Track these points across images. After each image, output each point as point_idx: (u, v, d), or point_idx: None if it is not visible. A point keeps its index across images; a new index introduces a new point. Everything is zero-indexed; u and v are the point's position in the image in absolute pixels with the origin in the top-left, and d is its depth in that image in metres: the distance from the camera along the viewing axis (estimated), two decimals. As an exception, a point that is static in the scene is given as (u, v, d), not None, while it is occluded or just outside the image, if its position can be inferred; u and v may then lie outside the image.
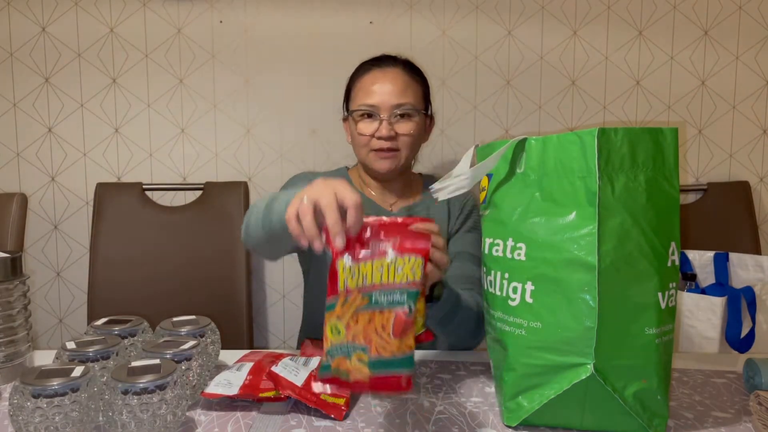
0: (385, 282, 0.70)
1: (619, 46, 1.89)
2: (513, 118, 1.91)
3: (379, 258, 0.71)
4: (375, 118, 1.17)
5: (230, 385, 0.85)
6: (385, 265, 0.71)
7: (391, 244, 0.72)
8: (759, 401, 0.77)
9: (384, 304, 0.70)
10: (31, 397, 0.71)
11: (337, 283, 0.71)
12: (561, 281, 0.74)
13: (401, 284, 0.70)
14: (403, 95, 1.18)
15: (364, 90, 1.19)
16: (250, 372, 0.88)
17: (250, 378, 0.86)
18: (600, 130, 0.72)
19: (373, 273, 0.71)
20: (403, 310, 0.69)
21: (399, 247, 0.72)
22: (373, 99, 1.17)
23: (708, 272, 1.62)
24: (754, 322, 1.36)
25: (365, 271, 0.71)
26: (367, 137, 1.18)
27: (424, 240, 0.73)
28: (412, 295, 0.70)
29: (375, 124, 1.17)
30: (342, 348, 0.70)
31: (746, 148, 1.94)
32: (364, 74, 1.21)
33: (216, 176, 1.90)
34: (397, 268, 0.71)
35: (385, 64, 1.22)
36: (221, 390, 0.83)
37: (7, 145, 1.89)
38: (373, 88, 1.18)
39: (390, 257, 0.71)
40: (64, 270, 1.93)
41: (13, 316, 0.93)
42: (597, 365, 0.72)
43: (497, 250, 0.82)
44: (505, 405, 0.79)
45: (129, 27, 1.85)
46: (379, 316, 0.69)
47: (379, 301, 0.70)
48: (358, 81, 1.22)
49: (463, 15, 1.87)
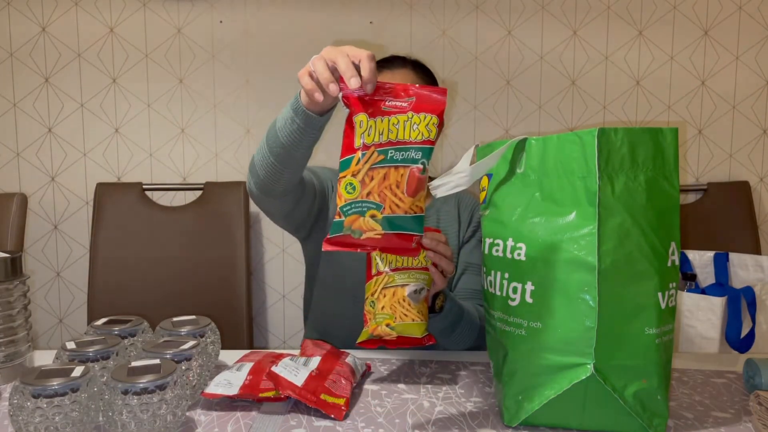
0: (402, 139, 0.73)
1: (619, 46, 1.89)
2: (513, 118, 1.91)
3: (396, 114, 0.74)
4: None
5: (230, 385, 0.85)
6: (401, 122, 0.73)
7: (407, 103, 0.74)
8: (759, 401, 0.77)
9: (399, 160, 0.73)
10: (31, 397, 0.71)
11: (353, 138, 0.73)
12: (561, 281, 0.74)
13: (416, 141, 0.73)
14: None
15: None
16: (250, 372, 0.88)
17: (250, 378, 0.86)
18: (600, 130, 0.72)
19: (389, 129, 0.73)
20: (417, 168, 0.72)
21: (415, 106, 0.74)
22: None
23: (708, 272, 1.62)
24: (754, 322, 1.36)
25: (382, 128, 0.73)
26: None
27: (439, 97, 0.75)
28: (426, 152, 0.73)
29: None
30: (356, 205, 0.72)
31: (746, 148, 1.94)
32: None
33: (216, 176, 1.90)
34: (413, 125, 0.73)
35: (395, 65, 1.20)
36: (221, 390, 0.83)
37: (7, 145, 1.89)
38: None
39: (406, 114, 0.74)
40: (64, 270, 1.93)
41: (13, 316, 0.93)
42: (597, 365, 0.72)
43: (497, 250, 0.82)
44: (505, 405, 0.79)
45: (129, 27, 1.85)
46: (394, 173, 0.72)
47: (395, 157, 0.73)
48: None
49: (463, 15, 1.87)
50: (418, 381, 0.94)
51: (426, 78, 1.22)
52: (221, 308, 1.69)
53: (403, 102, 0.74)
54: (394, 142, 0.73)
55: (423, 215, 0.74)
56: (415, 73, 1.19)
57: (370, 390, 0.91)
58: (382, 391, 0.90)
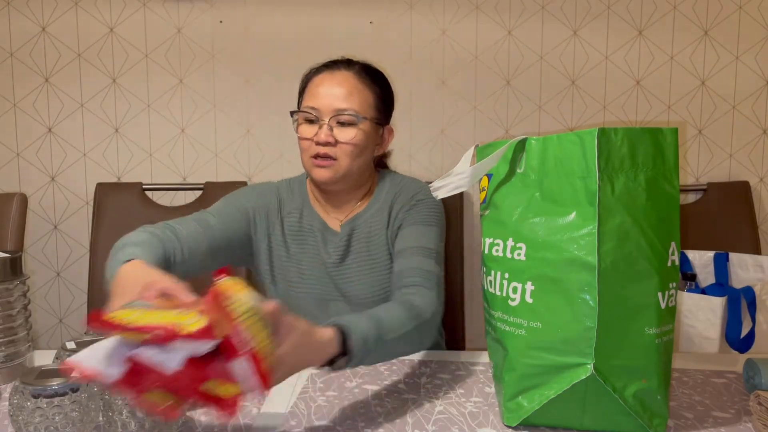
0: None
1: (619, 46, 1.89)
2: (513, 118, 1.91)
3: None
4: (316, 122, 1.10)
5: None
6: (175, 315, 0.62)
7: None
8: (759, 401, 0.77)
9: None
10: (31, 397, 0.71)
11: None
12: (561, 281, 0.74)
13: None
14: (347, 100, 1.09)
15: (310, 92, 1.12)
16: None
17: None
18: (600, 130, 0.72)
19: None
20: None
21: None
22: (315, 102, 1.09)
23: (708, 272, 1.62)
24: (754, 322, 1.36)
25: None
26: (307, 142, 1.10)
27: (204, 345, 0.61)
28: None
29: (315, 128, 1.10)
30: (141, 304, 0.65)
31: (746, 148, 1.94)
32: (314, 76, 1.14)
33: (216, 176, 1.90)
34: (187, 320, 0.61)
35: (337, 66, 1.14)
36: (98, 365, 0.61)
37: (7, 145, 1.89)
38: (319, 90, 1.10)
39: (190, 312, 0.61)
40: (64, 270, 1.93)
41: (13, 316, 0.93)
42: (597, 365, 0.72)
43: (497, 250, 0.82)
44: (505, 405, 0.79)
45: (129, 27, 1.85)
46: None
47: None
48: (309, 82, 1.14)
49: (463, 15, 1.87)
50: (418, 381, 0.94)
51: (370, 83, 1.13)
52: (221, 308, 1.69)
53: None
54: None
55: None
56: (356, 77, 1.12)
57: (370, 390, 0.91)
58: (382, 391, 0.90)
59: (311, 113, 1.10)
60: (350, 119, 1.09)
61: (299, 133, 1.12)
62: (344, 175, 1.10)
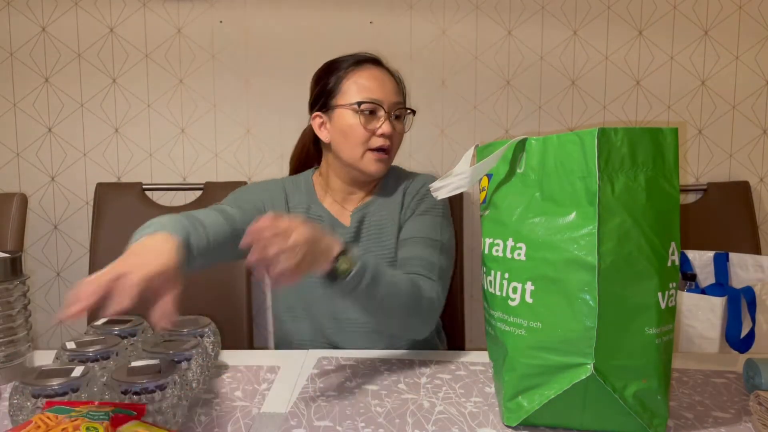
0: None
1: (619, 46, 1.89)
2: (513, 118, 1.91)
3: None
4: (375, 114, 1.12)
5: None
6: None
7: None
8: (759, 401, 0.77)
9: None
10: (31, 397, 0.71)
11: None
12: (561, 281, 0.74)
13: None
14: (399, 94, 1.15)
15: (360, 84, 1.12)
16: None
17: None
18: (600, 130, 0.72)
19: None
20: None
21: None
22: (375, 94, 1.12)
23: (708, 272, 1.62)
24: (754, 322, 1.36)
25: None
26: (367, 133, 1.11)
27: None
28: None
29: (375, 120, 1.12)
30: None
31: (746, 148, 1.94)
32: (353, 70, 1.14)
33: (216, 176, 1.90)
34: None
35: (375, 63, 1.18)
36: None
37: (7, 145, 1.89)
38: (373, 83, 1.13)
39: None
40: (64, 270, 1.93)
41: (13, 316, 0.93)
42: (597, 365, 0.72)
43: (497, 250, 0.82)
44: (505, 405, 0.79)
45: (129, 27, 1.85)
46: None
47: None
48: (353, 74, 1.14)
49: (463, 15, 1.87)
50: (418, 381, 0.94)
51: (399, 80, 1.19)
52: (221, 308, 1.69)
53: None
54: None
55: None
56: (392, 74, 1.17)
57: (370, 390, 0.91)
58: (382, 391, 0.90)
59: (378, 104, 1.12)
60: (404, 112, 1.15)
61: (364, 125, 1.11)
62: (390, 165, 1.16)
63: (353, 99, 1.12)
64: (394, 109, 1.14)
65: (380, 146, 1.12)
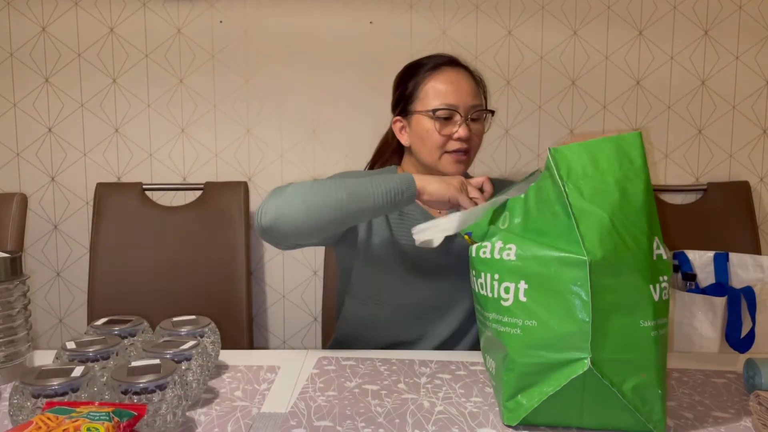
0: None
1: (619, 46, 1.89)
2: (513, 118, 1.91)
3: None
4: (451, 119, 1.14)
5: None
6: None
7: None
8: (759, 401, 0.77)
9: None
10: (31, 397, 0.71)
11: None
12: (552, 278, 0.75)
13: None
14: (477, 96, 1.17)
15: (436, 89, 1.15)
16: None
17: None
18: (551, 150, 0.77)
19: None
20: None
21: None
22: (451, 99, 1.14)
23: (708, 272, 1.62)
24: (754, 322, 1.36)
25: None
26: (444, 138, 1.13)
27: None
28: None
29: (452, 124, 1.14)
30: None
31: (746, 148, 1.94)
32: (430, 74, 1.17)
33: (216, 176, 1.90)
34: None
35: (451, 64, 1.19)
36: None
37: (7, 145, 1.89)
38: (450, 87, 1.15)
39: None
40: (64, 270, 1.93)
41: (13, 316, 0.93)
42: (594, 359, 0.72)
43: (485, 252, 0.84)
44: (504, 405, 0.80)
45: (129, 27, 1.85)
46: None
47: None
48: (429, 79, 1.17)
49: (463, 15, 1.87)
50: (418, 381, 0.94)
51: (478, 78, 1.22)
52: (221, 308, 1.69)
53: None
54: None
55: None
56: (470, 73, 1.21)
57: (370, 390, 0.91)
58: (382, 391, 0.90)
59: (453, 110, 1.13)
60: (482, 115, 1.17)
61: (439, 130, 1.14)
62: (470, 165, 1.19)
63: (429, 105, 1.15)
64: (471, 113, 1.15)
65: (457, 149, 1.14)
